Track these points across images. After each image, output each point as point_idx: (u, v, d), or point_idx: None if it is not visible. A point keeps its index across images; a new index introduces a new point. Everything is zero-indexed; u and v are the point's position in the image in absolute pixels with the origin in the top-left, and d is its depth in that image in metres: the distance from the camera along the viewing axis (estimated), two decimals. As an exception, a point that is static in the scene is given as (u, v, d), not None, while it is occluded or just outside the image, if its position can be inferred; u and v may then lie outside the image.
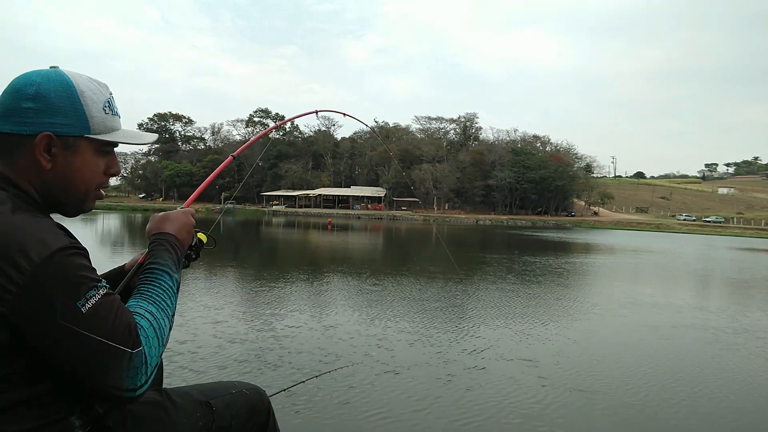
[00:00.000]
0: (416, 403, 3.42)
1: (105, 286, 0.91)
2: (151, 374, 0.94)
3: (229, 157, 1.69)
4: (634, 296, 8.51)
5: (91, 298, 0.87)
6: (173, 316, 1.06)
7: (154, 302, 1.01)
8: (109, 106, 1.04)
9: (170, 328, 1.03)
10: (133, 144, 1.11)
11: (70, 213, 1.05)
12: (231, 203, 76.20)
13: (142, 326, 0.94)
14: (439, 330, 5.45)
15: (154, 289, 1.03)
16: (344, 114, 2.97)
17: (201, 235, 1.36)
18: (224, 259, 13.04)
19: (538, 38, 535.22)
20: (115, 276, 1.27)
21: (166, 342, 1.01)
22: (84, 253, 0.92)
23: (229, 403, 1.31)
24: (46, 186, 0.98)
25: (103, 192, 1.08)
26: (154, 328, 0.97)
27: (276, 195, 79.10)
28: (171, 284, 1.07)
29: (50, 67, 1.00)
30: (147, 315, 0.97)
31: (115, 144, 1.05)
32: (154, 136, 1.21)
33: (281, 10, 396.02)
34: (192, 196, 1.50)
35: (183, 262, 1.23)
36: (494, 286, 8.84)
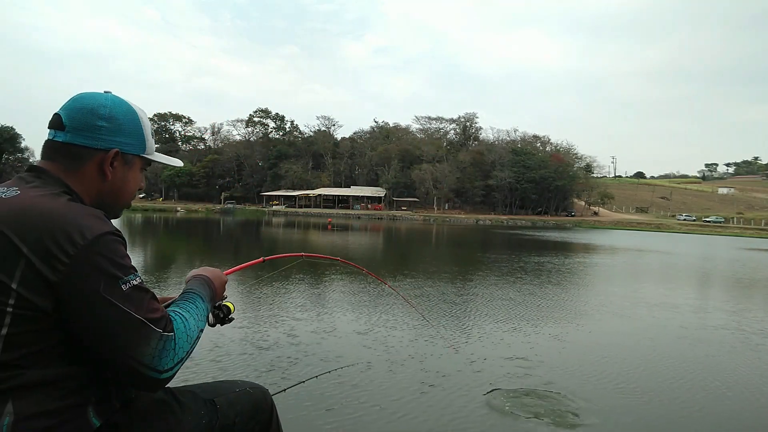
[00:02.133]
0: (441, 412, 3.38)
1: (140, 277, 1.01)
2: (177, 364, 1.00)
3: (260, 258, 1.85)
4: (654, 297, 8.39)
5: (131, 281, 0.96)
6: (201, 331, 1.12)
7: (188, 311, 1.09)
8: (152, 131, 1.21)
9: (197, 341, 1.09)
10: (167, 164, 1.32)
11: (108, 218, 1.14)
12: (231, 203, 76.27)
13: (174, 319, 1.03)
14: (446, 329, 5.42)
15: (188, 303, 1.13)
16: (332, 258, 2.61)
17: (229, 303, 1.41)
18: (225, 258, 13.01)
19: (537, 38, 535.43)
20: None
21: (193, 348, 1.07)
22: (125, 242, 1.03)
23: (233, 402, 1.32)
24: (100, 194, 1.11)
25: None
26: (185, 326, 1.04)
27: (276, 195, 79.11)
28: (204, 306, 1.16)
29: (104, 92, 1.14)
30: (179, 315, 1.06)
31: (152, 163, 1.23)
32: (180, 163, 1.45)
33: (281, 10, 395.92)
34: (233, 269, 1.60)
35: (210, 318, 1.30)
36: (513, 287, 8.71)
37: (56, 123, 1.07)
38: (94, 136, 1.06)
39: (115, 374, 1.02)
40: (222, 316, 1.38)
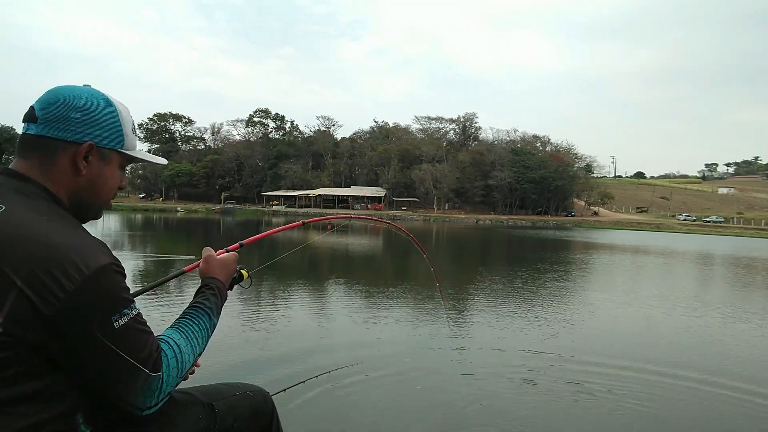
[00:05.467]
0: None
1: (137, 308, 1.00)
2: (162, 399, 1.02)
3: (299, 222, 2.09)
4: (683, 299, 8.35)
5: (124, 316, 0.95)
6: (200, 354, 1.16)
7: (186, 337, 1.12)
8: (134, 128, 1.17)
9: (194, 364, 1.14)
10: (149, 162, 1.24)
11: (88, 218, 1.13)
12: (231, 203, 76.25)
13: (165, 354, 1.03)
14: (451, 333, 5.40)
15: (191, 326, 1.15)
16: None
17: (244, 272, 1.47)
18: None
19: (536, 39, 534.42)
20: None
21: (186, 375, 1.12)
22: (124, 272, 1.00)
23: (233, 405, 1.31)
24: (77, 190, 1.07)
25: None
26: (177, 359, 1.05)
27: (276, 195, 79.04)
28: (208, 326, 1.20)
29: (84, 85, 1.10)
30: (174, 345, 1.07)
31: (132, 160, 1.18)
32: (164, 161, 1.43)
33: (276, 12, 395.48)
34: (253, 238, 1.69)
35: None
36: (541, 288, 8.67)
37: (30, 115, 1.04)
38: (67, 128, 1.03)
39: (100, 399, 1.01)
40: (228, 288, 1.41)
